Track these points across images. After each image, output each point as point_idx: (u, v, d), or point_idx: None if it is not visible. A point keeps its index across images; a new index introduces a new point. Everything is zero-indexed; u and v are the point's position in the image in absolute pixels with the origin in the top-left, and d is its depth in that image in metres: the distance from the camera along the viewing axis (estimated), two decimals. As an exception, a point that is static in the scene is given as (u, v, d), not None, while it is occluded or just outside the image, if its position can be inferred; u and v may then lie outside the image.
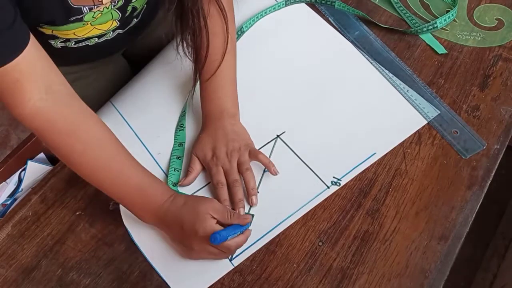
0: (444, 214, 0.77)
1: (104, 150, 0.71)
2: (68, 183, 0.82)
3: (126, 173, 0.72)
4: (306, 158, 0.82)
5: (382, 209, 0.78)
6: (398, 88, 0.88)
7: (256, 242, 0.75)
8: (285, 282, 0.73)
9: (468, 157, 0.82)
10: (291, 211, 0.78)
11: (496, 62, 0.92)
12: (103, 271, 0.75)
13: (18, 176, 1.07)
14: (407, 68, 0.91)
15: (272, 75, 0.91)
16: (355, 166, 0.81)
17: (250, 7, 0.98)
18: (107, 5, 0.72)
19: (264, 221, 0.77)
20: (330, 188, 0.79)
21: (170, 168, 0.81)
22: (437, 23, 0.95)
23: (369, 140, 0.83)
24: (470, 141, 0.83)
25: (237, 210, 0.76)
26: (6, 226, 0.79)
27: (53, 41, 0.77)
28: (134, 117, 0.88)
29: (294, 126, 0.85)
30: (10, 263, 0.76)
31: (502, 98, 0.88)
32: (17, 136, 1.80)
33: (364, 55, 0.92)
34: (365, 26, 0.97)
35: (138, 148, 0.83)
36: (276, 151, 0.83)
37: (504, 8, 0.99)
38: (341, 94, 0.88)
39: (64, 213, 0.80)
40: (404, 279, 0.72)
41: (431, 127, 0.85)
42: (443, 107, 0.86)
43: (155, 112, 0.88)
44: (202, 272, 0.74)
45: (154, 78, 0.92)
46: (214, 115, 0.82)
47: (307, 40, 0.96)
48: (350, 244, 0.75)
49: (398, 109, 0.86)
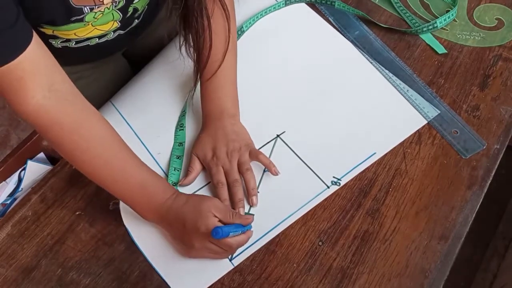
0: (444, 214, 0.77)
1: (107, 148, 0.71)
2: (68, 183, 0.82)
3: (128, 171, 0.72)
4: (306, 158, 0.82)
5: (382, 209, 0.78)
6: (398, 88, 0.88)
7: (256, 242, 0.75)
8: (285, 282, 0.73)
9: (468, 157, 0.82)
10: (291, 211, 0.78)
11: (496, 62, 0.92)
12: (103, 271, 0.75)
13: (18, 175, 1.07)
14: (407, 68, 0.91)
15: (272, 74, 0.91)
16: (355, 166, 0.81)
17: (250, 6, 0.98)
18: (108, 5, 0.72)
19: (264, 221, 0.77)
20: (330, 188, 0.79)
21: (170, 167, 0.81)
22: (437, 23, 0.95)
23: (369, 140, 0.83)
24: (470, 141, 0.83)
25: (237, 209, 0.76)
26: (6, 226, 0.79)
27: (53, 41, 0.77)
28: (134, 117, 0.88)
29: (294, 126, 0.85)
30: (10, 262, 0.76)
31: (502, 98, 0.88)
32: (17, 136, 1.80)
33: (364, 55, 0.92)
34: (365, 26, 0.97)
35: (138, 148, 0.83)
36: (276, 151, 0.83)
37: (504, 8, 0.99)
38: (341, 94, 0.88)
39: (64, 213, 0.79)
40: (404, 279, 0.72)
41: (431, 127, 0.85)
42: (443, 107, 0.86)
43: (155, 112, 0.88)
44: (202, 272, 0.74)
45: (154, 78, 0.92)
46: (214, 115, 0.82)
47: (307, 40, 0.95)
48: (350, 244, 0.75)
49: (398, 109, 0.86)
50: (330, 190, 0.79)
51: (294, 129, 0.85)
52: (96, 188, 0.80)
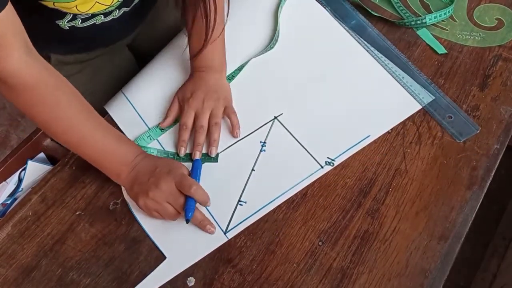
0: (444, 214, 0.77)
1: (76, 111, 0.74)
2: (68, 183, 0.82)
3: (97, 134, 0.75)
4: (301, 139, 0.84)
5: (382, 209, 0.78)
6: (394, 75, 0.90)
7: (251, 216, 0.78)
8: (285, 282, 0.73)
9: (462, 141, 0.83)
10: (285, 188, 0.80)
11: (496, 62, 0.92)
12: (103, 271, 0.75)
13: (18, 176, 1.07)
14: (402, 55, 0.93)
15: (271, 59, 0.93)
16: (349, 148, 0.83)
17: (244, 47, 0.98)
18: None
19: (259, 197, 0.79)
20: (324, 167, 0.82)
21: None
22: (426, 19, 0.95)
23: (364, 123, 0.86)
24: (464, 126, 0.85)
25: (194, 153, 0.81)
26: (6, 226, 0.79)
27: (60, 22, 0.77)
28: (144, 107, 0.89)
29: (291, 109, 0.88)
30: (10, 262, 0.76)
31: (502, 98, 0.88)
32: (17, 136, 1.80)
33: (360, 43, 0.94)
34: (361, 15, 0.98)
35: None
36: (273, 132, 0.85)
37: (504, 8, 0.99)
38: (337, 79, 0.91)
39: (64, 213, 0.80)
40: (404, 279, 0.72)
41: (431, 126, 0.85)
42: (438, 93, 0.88)
43: (164, 104, 0.89)
44: (196, 243, 0.76)
45: (164, 68, 0.93)
46: (201, 68, 0.86)
47: (304, 26, 0.97)
48: (350, 244, 0.75)
49: (393, 94, 0.89)
50: (324, 170, 0.81)
51: (291, 112, 0.87)
52: (96, 188, 0.81)
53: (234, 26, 0.90)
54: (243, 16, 0.97)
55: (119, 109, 0.89)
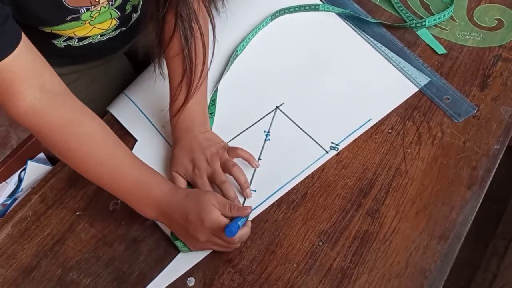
0: (444, 214, 0.77)
1: (99, 146, 0.71)
2: (68, 183, 0.82)
3: (123, 168, 0.72)
4: (305, 127, 0.86)
5: (382, 209, 0.78)
6: (391, 60, 0.93)
7: (262, 203, 0.78)
8: (285, 282, 0.73)
9: (460, 121, 0.85)
10: (293, 175, 0.81)
11: (496, 62, 0.92)
12: (103, 271, 0.75)
13: (18, 176, 1.07)
14: (398, 41, 0.95)
15: (270, 50, 0.95)
16: (352, 132, 0.85)
17: (238, 26, 0.97)
18: (104, 4, 0.72)
19: (266, 186, 0.80)
20: (329, 152, 0.83)
21: None
22: (426, 22, 0.96)
23: (364, 107, 0.88)
24: (462, 106, 0.87)
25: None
26: (6, 226, 0.79)
27: (56, 41, 0.77)
28: (147, 104, 0.89)
29: (292, 98, 0.89)
30: (10, 263, 0.76)
31: (502, 98, 0.88)
32: (17, 136, 1.80)
33: (356, 31, 0.96)
34: (356, 4, 1.00)
35: (156, 139, 0.85)
36: (276, 121, 0.87)
37: (504, 8, 0.99)
38: (336, 67, 0.92)
39: (64, 213, 0.80)
40: (404, 279, 0.72)
41: (431, 127, 0.85)
42: (434, 76, 0.90)
43: (167, 100, 0.88)
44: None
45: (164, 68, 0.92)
46: (184, 125, 0.80)
47: (301, 16, 0.99)
48: (350, 244, 0.75)
49: (391, 79, 0.91)
50: (329, 154, 0.83)
51: (293, 101, 0.89)
52: (96, 188, 0.80)
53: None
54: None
55: (122, 109, 0.88)
